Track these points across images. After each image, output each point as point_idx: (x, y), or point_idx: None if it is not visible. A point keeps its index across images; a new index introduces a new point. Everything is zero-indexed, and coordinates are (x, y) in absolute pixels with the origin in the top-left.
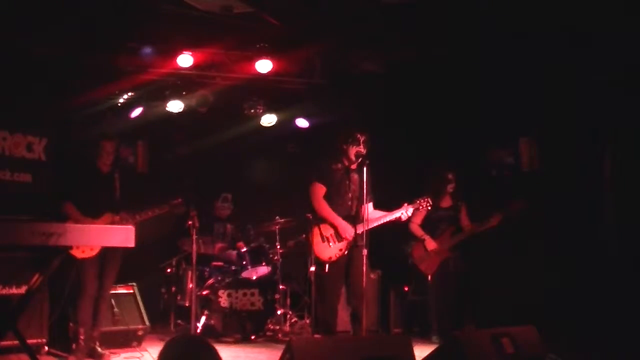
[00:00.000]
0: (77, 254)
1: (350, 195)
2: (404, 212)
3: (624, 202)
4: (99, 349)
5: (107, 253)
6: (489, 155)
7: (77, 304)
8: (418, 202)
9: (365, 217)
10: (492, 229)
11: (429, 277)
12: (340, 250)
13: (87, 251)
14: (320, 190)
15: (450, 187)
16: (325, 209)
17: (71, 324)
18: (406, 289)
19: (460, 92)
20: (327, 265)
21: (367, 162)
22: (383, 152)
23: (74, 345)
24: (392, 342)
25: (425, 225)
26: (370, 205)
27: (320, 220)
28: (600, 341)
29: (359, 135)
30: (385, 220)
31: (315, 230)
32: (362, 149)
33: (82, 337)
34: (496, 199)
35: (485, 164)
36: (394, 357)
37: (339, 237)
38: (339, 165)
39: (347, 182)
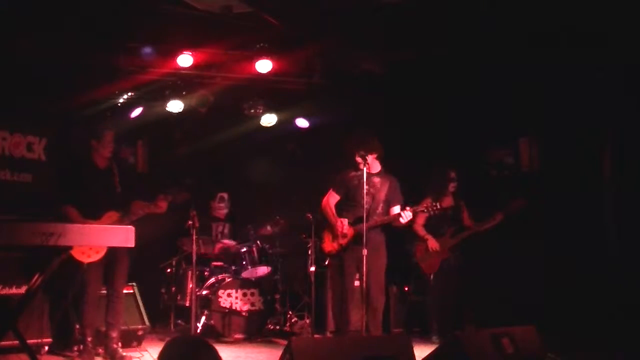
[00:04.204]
0: (84, 259)
1: (367, 198)
2: (403, 215)
3: (624, 202)
4: (121, 350)
5: (114, 252)
6: (489, 155)
7: (80, 306)
8: (422, 204)
9: (363, 219)
10: (494, 228)
11: (431, 277)
12: (339, 244)
13: (93, 255)
14: (332, 198)
15: (452, 186)
16: (328, 211)
17: (78, 326)
18: (406, 289)
19: (460, 92)
20: (327, 259)
21: (367, 162)
22: (382, 153)
23: (81, 347)
24: (392, 342)
25: (427, 225)
26: (397, 207)
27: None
28: (600, 341)
29: (363, 153)
30: (385, 222)
31: (328, 228)
32: (362, 166)
33: (89, 339)
34: (496, 199)
35: (485, 164)
36: (394, 357)
37: (341, 234)
38: (358, 172)
39: (366, 186)
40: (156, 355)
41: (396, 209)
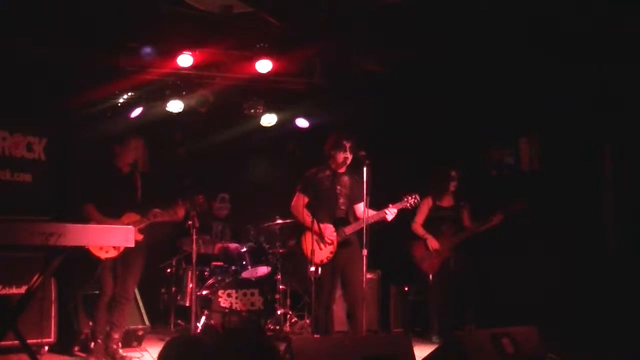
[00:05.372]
0: (101, 254)
1: (342, 199)
2: (389, 212)
3: (624, 202)
4: (121, 351)
5: (129, 254)
6: (489, 155)
7: (95, 307)
8: (405, 199)
9: (364, 216)
10: (493, 228)
11: (430, 277)
12: (331, 252)
13: (111, 251)
14: (301, 200)
15: (452, 185)
16: (305, 218)
17: (90, 323)
18: (406, 289)
19: (460, 92)
20: (319, 268)
21: (368, 162)
22: (382, 152)
23: (92, 345)
24: (392, 342)
25: (427, 224)
26: (362, 205)
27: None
28: (600, 341)
29: (344, 142)
30: (370, 222)
31: (305, 235)
32: (348, 155)
33: (100, 337)
34: (496, 199)
35: (485, 164)
36: (394, 357)
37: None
38: (327, 172)
39: (337, 187)
40: (156, 355)
41: (360, 207)
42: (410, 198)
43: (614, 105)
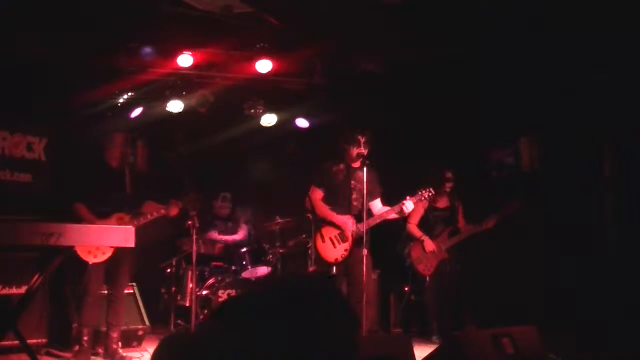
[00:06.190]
0: (89, 259)
1: (355, 195)
2: (406, 205)
3: (624, 202)
4: (121, 351)
5: (118, 253)
6: (489, 155)
7: (81, 305)
8: (420, 193)
9: (364, 217)
10: (489, 230)
11: (427, 278)
12: (346, 250)
13: (99, 255)
14: (317, 194)
15: (448, 186)
16: (324, 210)
17: (75, 325)
18: (406, 289)
19: (460, 92)
20: (334, 267)
21: (367, 162)
22: (382, 152)
23: (77, 347)
24: (392, 342)
25: (422, 225)
26: (378, 201)
27: (322, 222)
28: (600, 341)
29: (359, 137)
30: (388, 217)
31: (319, 233)
32: (362, 150)
33: (85, 338)
34: (496, 200)
35: (485, 165)
36: (394, 357)
37: (343, 237)
38: (341, 166)
39: (352, 182)
40: None
41: (377, 202)
42: (425, 192)
43: (614, 105)
